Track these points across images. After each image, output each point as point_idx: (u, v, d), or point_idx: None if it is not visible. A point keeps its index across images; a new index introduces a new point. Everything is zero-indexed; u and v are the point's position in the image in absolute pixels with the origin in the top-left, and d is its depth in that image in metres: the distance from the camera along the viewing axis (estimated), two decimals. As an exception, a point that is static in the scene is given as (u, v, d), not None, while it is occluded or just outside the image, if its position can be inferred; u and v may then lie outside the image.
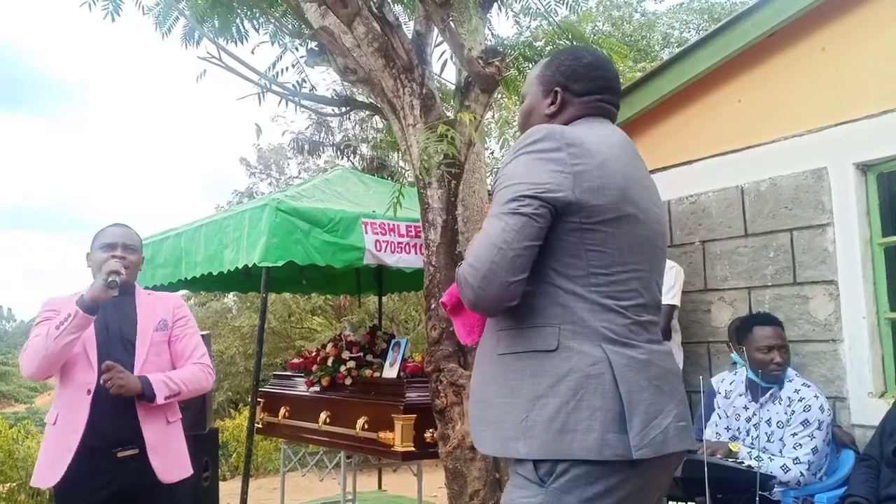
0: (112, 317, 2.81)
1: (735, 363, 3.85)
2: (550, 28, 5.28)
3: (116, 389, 2.66)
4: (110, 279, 2.64)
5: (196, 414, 5.97)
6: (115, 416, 2.72)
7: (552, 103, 1.87)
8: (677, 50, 4.83)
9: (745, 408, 3.47)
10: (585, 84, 1.85)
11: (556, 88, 1.86)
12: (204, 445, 6.18)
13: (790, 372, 3.44)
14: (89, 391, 2.71)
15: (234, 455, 8.89)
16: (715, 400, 3.67)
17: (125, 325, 2.85)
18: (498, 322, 1.72)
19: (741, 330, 3.57)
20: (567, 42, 4.56)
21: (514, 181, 1.64)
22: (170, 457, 2.82)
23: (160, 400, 2.76)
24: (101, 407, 2.70)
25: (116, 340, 2.80)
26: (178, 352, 2.95)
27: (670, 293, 4.01)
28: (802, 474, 3.17)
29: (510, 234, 1.59)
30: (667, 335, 4.02)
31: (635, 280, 1.67)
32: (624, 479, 1.57)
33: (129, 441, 2.73)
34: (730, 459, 3.10)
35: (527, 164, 1.65)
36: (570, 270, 1.63)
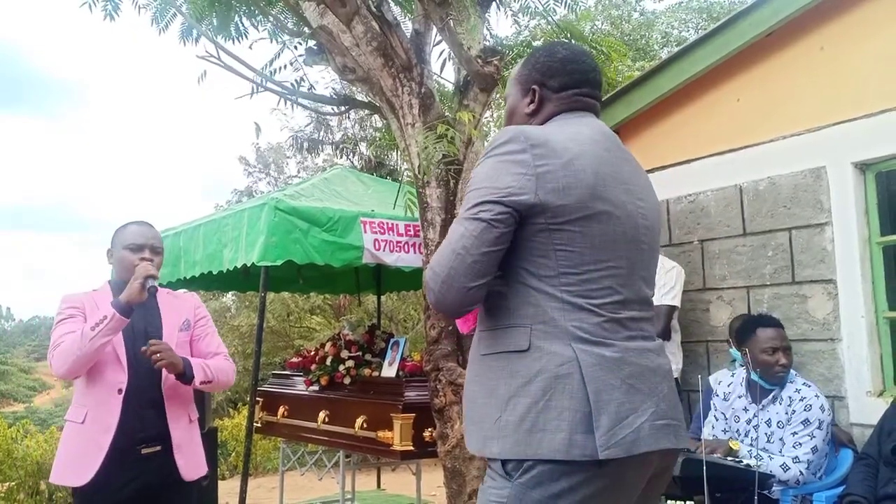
0: (137, 317, 2.81)
1: (734, 360, 3.85)
2: (549, 27, 5.28)
3: (164, 364, 2.71)
4: (149, 284, 2.69)
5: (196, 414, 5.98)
6: (143, 414, 2.76)
7: (531, 102, 1.87)
8: (676, 49, 4.83)
9: (745, 409, 3.47)
10: (562, 79, 1.85)
11: (534, 86, 1.87)
12: (203, 444, 6.19)
13: (791, 372, 3.44)
14: (120, 391, 2.74)
15: (233, 454, 8.89)
16: (712, 401, 3.66)
17: (150, 325, 2.87)
18: (481, 322, 1.75)
19: (742, 332, 3.56)
20: (565, 41, 4.55)
21: (479, 185, 1.67)
22: (192, 455, 2.89)
23: (197, 382, 2.83)
24: (131, 406, 2.74)
25: (142, 340, 2.80)
26: (202, 350, 2.99)
27: (670, 293, 4.01)
28: (802, 473, 3.18)
29: (469, 239, 1.62)
30: (666, 335, 4.02)
31: (610, 277, 1.66)
32: (591, 478, 1.57)
33: (155, 439, 2.77)
34: (729, 458, 3.10)
35: (493, 167, 1.67)
36: (541, 270, 1.64)
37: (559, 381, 1.59)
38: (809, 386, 3.37)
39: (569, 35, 4.36)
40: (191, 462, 2.86)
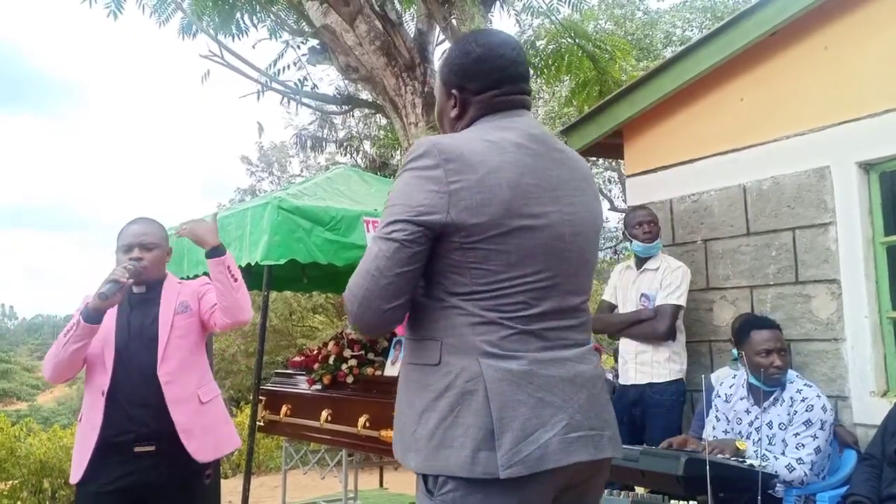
0: (136, 314, 2.85)
1: (735, 359, 3.85)
2: (552, 27, 5.29)
3: (188, 233, 2.84)
4: (101, 290, 2.65)
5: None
6: (133, 414, 2.77)
7: (454, 107, 1.79)
8: (680, 48, 4.82)
9: (747, 411, 3.46)
10: (480, 82, 1.75)
11: (453, 91, 1.78)
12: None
13: (791, 373, 3.43)
14: (103, 392, 2.75)
15: (236, 453, 8.90)
16: (713, 401, 3.66)
17: (147, 321, 2.87)
18: (405, 330, 1.73)
19: (739, 334, 3.55)
20: (569, 41, 4.57)
21: (393, 202, 1.63)
22: (208, 436, 2.87)
23: (228, 259, 2.84)
24: (120, 406, 2.76)
25: (136, 339, 2.82)
26: (213, 300, 2.94)
27: (676, 293, 4.00)
28: (806, 474, 3.17)
29: (382, 260, 1.58)
30: (671, 335, 4.01)
31: (525, 292, 1.61)
32: (498, 495, 1.55)
33: (147, 438, 2.77)
34: (735, 459, 3.10)
35: (407, 182, 1.62)
36: (456, 287, 1.61)
37: (465, 398, 1.57)
38: (811, 386, 3.36)
39: (572, 34, 4.37)
40: (204, 444, 2.85)
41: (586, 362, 1.69)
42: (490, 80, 1.75)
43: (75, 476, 2.77)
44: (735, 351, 3.84)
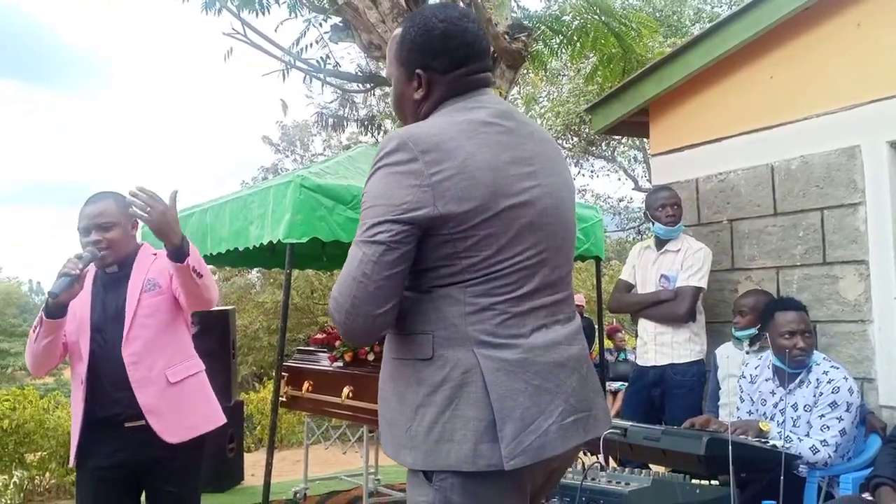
0: (111, 295, 2.76)
1: (739, 339, 3.83)
2: (578, 1, 5.22)
3: (154, 216, 2.51)
4: (51, 289, 2.53)
5: (221, 387, 6.05)
6: (116, 397, 2.70)
7: (418, 87, 1.70)
8: (708, 25, 4.74)
9: (773, 393, 3.43)
10: (446, 59, 1.67)
11: (418, 71, 1.69)
12: (230, 417, 6.24)
13: (817, 355, 3.40)
14: (82, 381, 2.71)
15: (259, 427, 9.00)
16: (739, 383, 3.64)
17: (119, 301, 2.74)
18: (394, 324, 1.66)
19: (764, 316, 3.52)
20: (595, 17, 4.51)
21: (373, 202, 1.56)
22: (174, 417, 2.74)
23: (190, 262, 2.60)
24: (100, 391, 2.70)
25: (113, 321, 2.73)
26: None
27: (697, 275, 3.97)
28: (830, 456, 3.15)
29: (368, 265, 1.52)
30: (691, 317, 3.99)
31: (517, 272, 1.59)
32: (503, 486, 1.55)
33: (135, 416, 2.70)
34: (758, 440, 3.08)
35: (384, 179, 1.56)
36: (445, 278, 1.57)
37: (463, 390, 1.54)
38: (838, 368, 3.32)
39: (598, 10, 4.31)
40: (173, 425, 2.72)
41: (575, 343, 1.69)
42: (457, 58, 1.68)
43: (72, 459, 2.80)
44: (733, 329, 3.83)
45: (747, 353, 3.80)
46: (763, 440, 3.08)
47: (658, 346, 4.07)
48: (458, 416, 1.54)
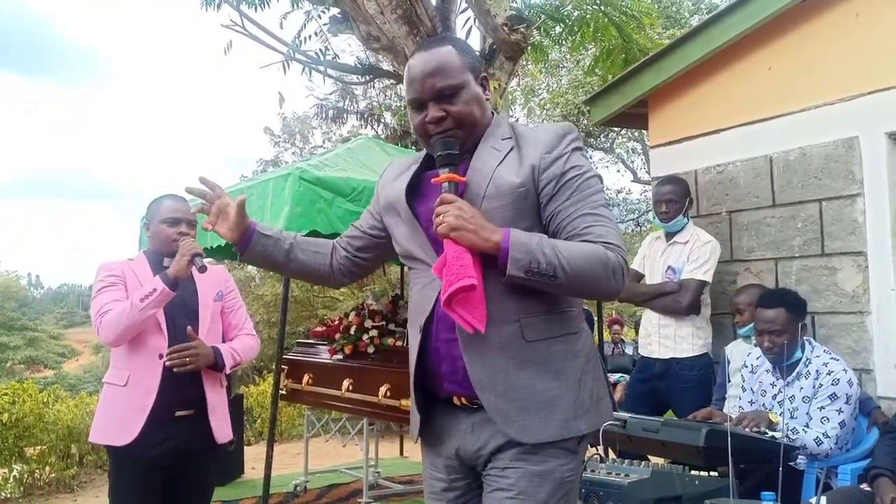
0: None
1: (748, 335, 3.84)
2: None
3: (194, 367, 2.84)
4: (199, 263, 2.79)
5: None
6: (181, 379, 2.87)
7: (484, 91, 1.83)
8: (707, 16, 4.73)
9: (773, 384, 3.44)
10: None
11: (483, 74, 1.85)
12: (229, 411, 6.29)
13: (818, 347, 3.40)
14: (161, 356, 2.86)
15: (259, 421, 9.02)
16: (740, 372, 3.64)
17: (187, 296, 2.98)
18: (518, 310, 1.70)
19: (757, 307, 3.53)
20: (595, 7, 4.50)
21: (591, 172, 1.75)
22: (223, 419, 3.03)
23: (227, 370, 2.99)
24: (170, 371, 2.86)
25: (180, 310, 2.95)
26: (233, 323, 3.15)
27: (703, 268, 3.96)
28: (831, 448, 3.16)
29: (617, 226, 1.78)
30: (695, 309, 3.98)
31: None
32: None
33: (190, 403, 2.91)
34: (760, 431, 3.08)
35: (584, 158, 1.77)
36: None
37: (594, 354, 1.80)
38: (837, 360, 3.33)
39: (598, 1, 4.30)
40: (222, 425, 3.01)
41: None
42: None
43: (122, 438, 2.81)
44: (736, 328, 3.84)
45: (754, 345, 3.81)
46: (764, 432, 3.08)
47: (662, 338, 4.07)
48: (599, 378, 1.80)
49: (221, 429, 3.00)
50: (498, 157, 1.74)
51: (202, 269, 2.80)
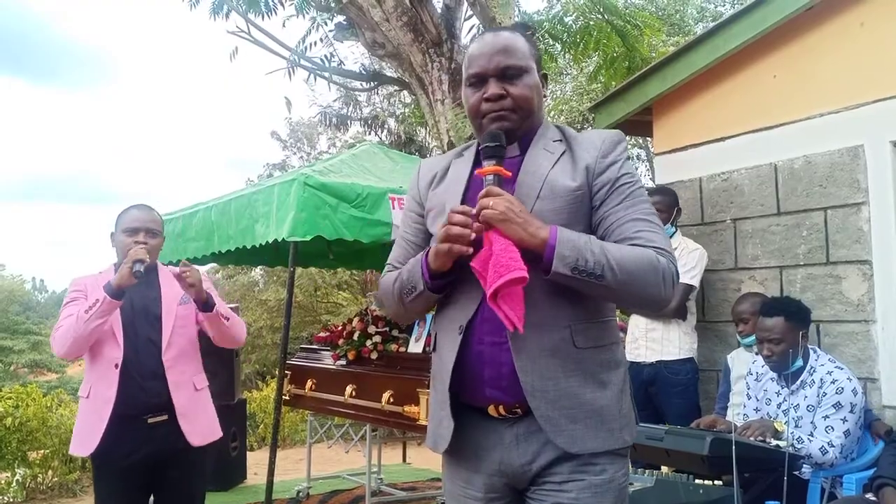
0: (137, 295, 2.95)
1: (750, 344, 3.83)
2: (582, 2, 5.21)
3: (191, 282, 2.88)
4: (135, 269, 2.77)
5: (224, 385, 6.07)
6: (146, 386, 2.89)
7: (544, 86, 1.84)
8: (712, 24, 4.73)
9: (777, 393, 3.43)
10: None
11: (544, 72, 1.85)
12: (232, 416, 6.30)
13: (822, 356, 3.39)
14: (117, 365, 2.88)
15: (262, 426, 9.02)
16: (745, 380, 3.64)
17: (150, 302, 3.00)
18: (569, 317, 1.66)
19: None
20: (599, 17, 4.51)
21: (642, 183, 1.75)
22: (199, 421, 3.00)
23: (216, 311, 2.99)
24: (132, 379, 2.88)
25: (142, 317, 2.97)
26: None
27: (690, 273, 4.00)
28: (836, 457, 3.15)
29: None
30: (682, 314, 4.02)
31: None
32: None
33: (160, 409, 2.90)
34: (765, 441, 3.08)
35: (633, 168, 1.77)
36: None
37: (627, 364, 1.83)
38: (842, 369, 3.32)
39: (601, 9, 4.30)
40: (197, 428, 2.98)
41: None
42: None
43: (86, 448, 2.88)
44: (739, 337, 3.84)
45: (756, 354, 3.80)
46: (767, 441, 3.08)
47: (649, 342, 4.13)
48: (629, 392, 1.77)
49: (196, 431, 2.97)
50: (551, 160, 1.71)
51: (137, 276, 2.78)
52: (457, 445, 1.72)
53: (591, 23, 7.05)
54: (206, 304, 2.97)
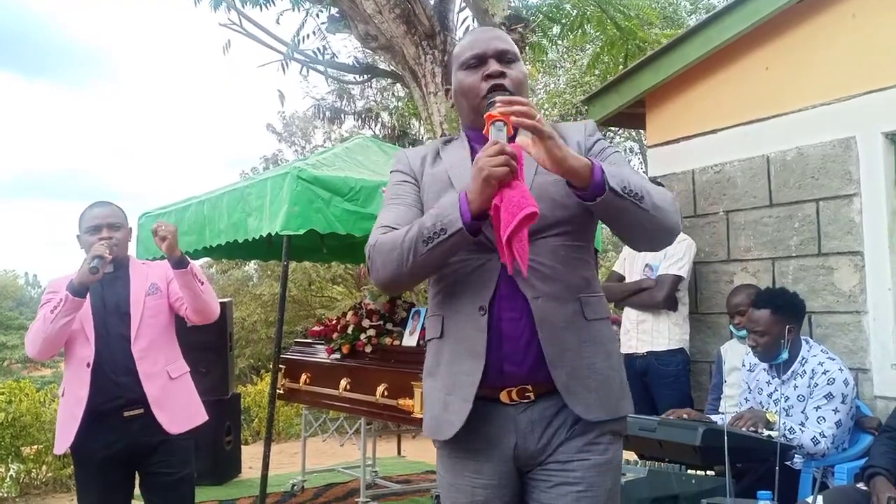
0: (108, 291, 2.99)
1: (742, 337, 3.85)
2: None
3: (162, 235, 2.89)
4: (92, 265, 2.78)
5: (218, 379, 6.08)
6: (119, 382, 2.92)
7: None
8: (705, 16, 4.73)
9: (769, 383, 3.45)
10: None
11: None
12: (227, 410, 6.30)
13: (815, 346, 3.41)
14: (88, 364, 2.90)
15: (256, 420, 9.02)
16: (739, 370, 3.66)
17: (120, 298, 3.02)
18: (578, 287, 1.71)
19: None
20: (593, 7, 4.50)
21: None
22: (176, 410, 3.01)
23: (193, 270, 2.98)
24: (105, 376, 2.90)
25: (112, 313, 2.99)
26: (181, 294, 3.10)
27: (678, 264, 4.04)
28: (827, 448, 3.17)
29: None
30: (672, 305, 4.05)
31: None
32: None
33: (134, 402, 2.93)
34: (757, 431, 3.09)
35: None
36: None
37: None
38: (834, 360, 3.34)
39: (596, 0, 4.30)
40: (174, 417, 3.00)
41: None
42: None
43: (61, 446, 2.91)
44: (734, 328, 3.85)
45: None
46: (759, 431, 3.09)
47: (640, 333, 4.18)
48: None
49: (173, 420, 2.99)
50: None
51: (93, 272, 2.78)
52: (464, 435, 1.69)
53: (588, 11, 7.04)
54: (179, 262, 2.96)
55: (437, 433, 1.74)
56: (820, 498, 2.82)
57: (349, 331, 5.13)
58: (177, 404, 3.03)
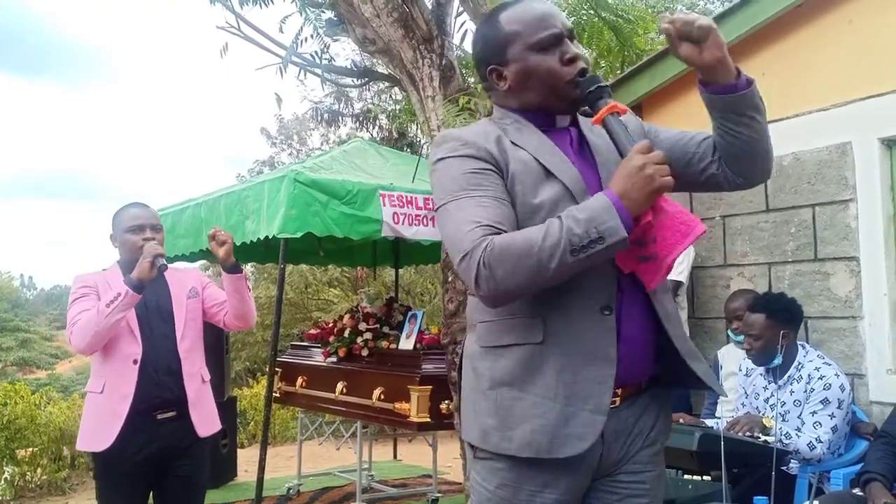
0: (148, 292, 2.96)
1: (740, 341, 3.85)
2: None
3: (222, 239, 3.03)
4: (158, 262, 2.83)
5: (215, 382, 6.04)
6: (160, 381, 2.93)
7: None
8: (701, 21, 4.73)
9: (765, 388, 3.45)
10: None
11: None
12: (223, 413, 6.25)
13: (811, 351, 3.41)
14: (135, 361, 2.90)
15: (252, 423, 9.01)
16: (736, 375, 3.66)
17: (161, 299, 3.04)
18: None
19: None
20: (590, 12, 4.50)
21: None
22: (206, 412, 3.06)
23: (243, 275, 3.10)
24: (148, 374, 2.90)
25: (155, 313, 3.01)
26: (219, 298, 3.18)
27: (677, 269, 4.01)
28: (823, 453, 3.17)
29: None
30: None
31: None
32: None
33: (172, 403, 2.94)
34: (753, 436, 3.09)
35: None
36: None
37: None
38: (830, 365, 3.34)
39: (594, 4, 4.30)
40: (205, 419, 3.04)
41: None
42: None
43: (99, 444, 2.85)
44: (732, 333, 3.85)
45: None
46: (757, 436, 3.09)
47: None
48: None
49: (204, 422, 3.02)
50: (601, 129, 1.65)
51: (163, 269, 2.86)
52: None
53: (583, 20, 7.05)
54: (233, 267, 3.05)
55: (552, 451, 1.49)
56: (816, 503, 2.83)
57: (346, 334, 5.13)
58: (207, 407, 3.07)
